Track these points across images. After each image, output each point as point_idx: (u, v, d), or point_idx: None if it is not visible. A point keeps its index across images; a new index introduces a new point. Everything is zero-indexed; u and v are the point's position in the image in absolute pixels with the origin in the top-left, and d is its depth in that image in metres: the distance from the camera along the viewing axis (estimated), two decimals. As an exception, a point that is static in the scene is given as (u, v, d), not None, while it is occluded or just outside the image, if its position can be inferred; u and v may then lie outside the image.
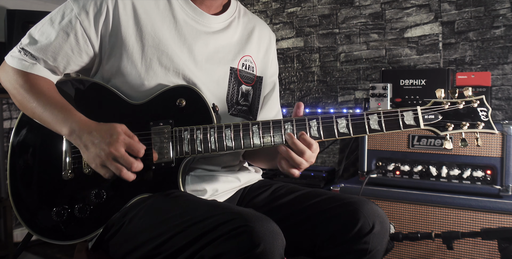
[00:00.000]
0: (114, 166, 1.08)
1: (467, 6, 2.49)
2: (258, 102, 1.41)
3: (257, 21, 1.44)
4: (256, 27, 1.41)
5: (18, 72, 1.18)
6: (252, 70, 1.37)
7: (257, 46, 1.40)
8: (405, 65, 2.68)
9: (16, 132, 1.23)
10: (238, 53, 1.34)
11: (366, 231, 1.12)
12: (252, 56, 1.37)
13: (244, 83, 1.34)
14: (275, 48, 1.50)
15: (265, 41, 1.43)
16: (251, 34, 1.39)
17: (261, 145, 1.13)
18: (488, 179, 1.94)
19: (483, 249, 1.87)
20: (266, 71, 1.43)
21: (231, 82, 1.31)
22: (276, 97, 1.49)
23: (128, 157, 1.08)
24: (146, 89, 1.20)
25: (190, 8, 1.26)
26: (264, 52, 1.43)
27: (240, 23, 1.37)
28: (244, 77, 1.34)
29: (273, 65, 1.47)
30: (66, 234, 1.17)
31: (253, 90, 1.38)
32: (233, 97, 1.32)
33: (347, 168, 2.82)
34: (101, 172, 1.10)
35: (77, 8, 1.16)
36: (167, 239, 1.00)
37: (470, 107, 1.10)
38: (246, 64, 1.35)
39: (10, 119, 2.95)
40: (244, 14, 1.40)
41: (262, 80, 1.41)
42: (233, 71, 1.31)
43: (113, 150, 1.07)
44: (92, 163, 1.10)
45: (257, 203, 1.30)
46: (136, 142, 1.10)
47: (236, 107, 1.32)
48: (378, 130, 1.11)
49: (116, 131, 1.09)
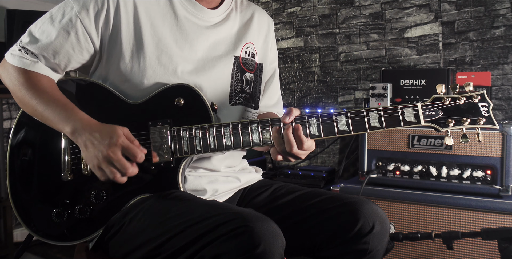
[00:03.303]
0: (108, 169, 1.07)
1: (467, 6, 2.49)
2: (259, 90, 1.41)
3: (255, 8, 1.43)
4: (255, 14, 1.40)
5: (19, 70, 1.18)
6: (253, 57, 1.37)
7: (257, 33, 1.40)
8: (405, 65, 2.68)
9: (14, 132, 1.23)
10: (240, 41, 1.33)
11: (366, 231, 1.12)
12: (254, 43, 1.37)
13: (247, 70, 1.34)
14: (274, 34, 1.49)
15: (264, 27, 1.43)
16: (251, 21, 1.38)
17: (261, 144, 1.13)
18: (488, 179, 1.94)
19: (483, 249, 1.87)
20: (266, 57, 1.43)
21: (234, 71, 1.31)
22: (276, 84, 1.49)
23: (124, 161, 1.07)
24: (145, 88, 1.19)
25: (190, 4, 1.25)
26: (264, 38, 1.42)
27: (238, 12, 1.37)
28: (247, 65, 1.34)
29: (273, 51, 1.47)
30: (66, 235, 1.17)
31: (254, 78, 1.38)
32: (237, 86, 1.31)
33: (347, 168, 2.81)
34: (97, 174, 1.10)
35: (77, 6, 1.16)
36: (167, 240, 1.00)
37: (471, 103, 1.09)
38: (249, 51, 1.35)
39: (10, 119, 2.95)
40: (241, 3, 1.40)
41: (262, 67, 1.41)
42: (236, 59, 1.31)
43: (110, 152, 1.06)
44: (90, 163, 1.10)
45: (257, 203, 1.30)
46: (135, 147, 1.09)
47: (241, 95, 1.32)
48: (378, 127, 1.09)
49: (117, 134, 1.08)
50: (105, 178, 1.09)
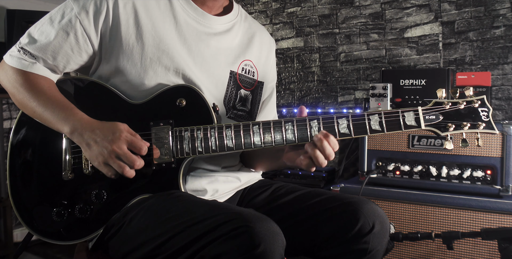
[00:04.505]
0: (116, 164, 1.08)
1: (467, 6, 2.49)
2: (257, 108, 1.41)
3: (258, 27, 1.44)
4: (257, 33, 1.41)
5: (18, 71, 1.18)
6: (252, 75, 1.37)
7: (258, 51, 1.40)
8: (405, 65, 2.68)
9: (15, 132, 1.23)
10: (239, 57, 1.33)
11: (366, 231, 1.12)
12: (253, 61, 1.37)
13: (243, 87, 1.34)
14: (274, 55, 1.51)
15: (265, 47, 1.44)
16: (252, 39, 1.39)
17: (262, 145, 1.13)
18: (488, 179, 1.94)
19: (483, 249, 1.87)
20: (267, 76, 1.43)
21: (230, 85, 1.31)
22: (273, 102, 1.50)
23: (131, 154, 1.08)
24: (146, 88, 1.19)
25: (191, 9, 1.25)
26: (265, 58, 1.43)
27: (241, 27, 1.37)
28: (244, 82, 1.34)
29: (273, 71, 1.48)
30: (66, 234, 1.17)
31: (253, 95, 1.38)
32: (231, 100, 1.31)
33: (347, 168, 2.81)
34: (104, 171, 1.10)
35: (77, 7, 1.16)
36: (167, 240, 1.00)
37: (471, 107, 1.10)
38: (246, 68, 1.35)
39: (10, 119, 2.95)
40: (246, 18, 1.41)
41: (263, 86, 1.41)
42: (232, 74, 1.31)
43: (116, 147, 1.07)
44: (94, 161, 1.10)
45: (257, 203, 1.30)
46: (139, 140, 1.10)
47: (233, 111, 1.32)
48: (379, 131, 1.10)
49: (118, 129, 1.09)
50: (112, 174, 1.10)
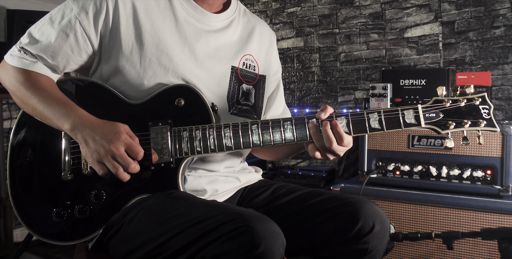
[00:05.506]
0: (111, 164, 1.08)
1: (467, 6, 2.49)
2: (262, 101, 1.41)
3: (257, 20, 1.44)
4: (256, 27, 1.41)
5: (19, 70, 1.18)
6: (253, 69, 1.37)
7: (258, 45, 1.40)
8: (405, 65, 2.68)
9: (15, 133, 1.23)
10: (239, 52, 1.33)
11: (366, 231, 1.12)
12: (253, 55, 1.37)
13: (245, 82, 1.34)
14: (276, 47, 1.50)
15: (266, 40, 1.44)
16: (252, 33, 1.39)
17: (261, 145, 1.13)
18: (488, 179, 1.94)
19: (483, 249, 1.87)
20: (269, 69, 1.43)
21: (232, 80, 1.31)
22: (281, 94, 1.50)
23: (127, 157, 1.08)
24: (145, 88, 1.19)
25: (191, 7, 1.26)
26: (266, 51, 1.43)
27: (240, 22, 1.37)
28: (245, 76, 1.34)
29: (276, 63, 1.48)
30: (66, 234, 1.17)
31: (255, 89, 1.38)
32: (234, 96, 1.31)
33: (347, 168, 2.81)
34: (96, 168, 1.10)
35: (76, 8, 1.16)
36: (167, 240, 1.00)
37: (472, 105, 1.09)
38: (247, 63, 1.35)
39: (10, 119, 2.95)
40: (244, 13, 1.41)
41: (265, 79, 1.41)
42: (234, 70, 1.31)
43: (113, 147, 1.07)
44: (89, 158, 1.10)
45: (257, 203, 1.30)
46: (137, 144, 1.10)
47: (237, 106, 1.32)
48: (379, 129, 1.10)
49: (119, 130, 1.09)
50: (104, 172, 1.09)
